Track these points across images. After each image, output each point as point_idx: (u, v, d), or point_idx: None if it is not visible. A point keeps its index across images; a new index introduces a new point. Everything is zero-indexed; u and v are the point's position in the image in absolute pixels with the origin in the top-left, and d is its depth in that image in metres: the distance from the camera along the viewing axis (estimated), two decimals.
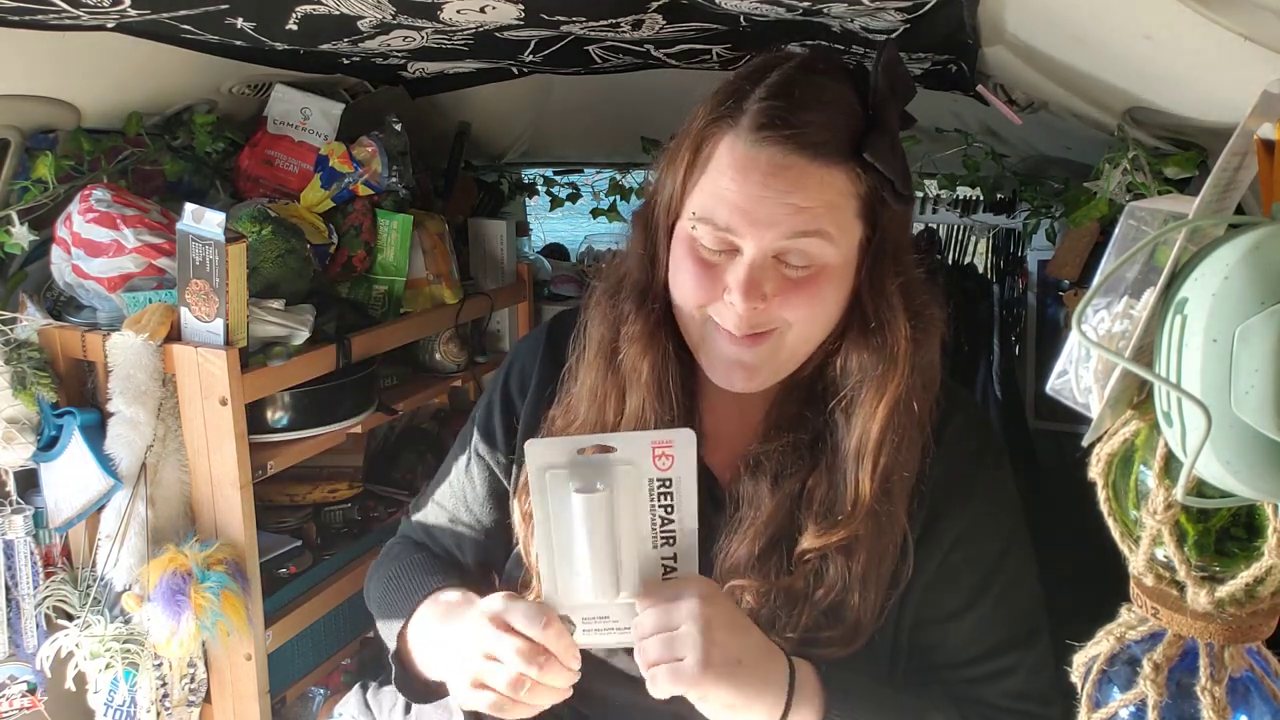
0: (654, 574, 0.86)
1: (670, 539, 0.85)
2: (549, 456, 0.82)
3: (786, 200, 0.88)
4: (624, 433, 0.88)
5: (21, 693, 1.42)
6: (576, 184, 2.63)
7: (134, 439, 1.34)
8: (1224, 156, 0.56)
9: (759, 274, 0.90)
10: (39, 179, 1.42)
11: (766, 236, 0.89)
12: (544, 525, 0.84)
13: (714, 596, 0.85)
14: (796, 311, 0.92)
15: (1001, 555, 0.99)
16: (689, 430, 0.82)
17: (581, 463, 0.82)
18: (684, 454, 0.82)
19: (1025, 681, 0.97)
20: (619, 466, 0.82)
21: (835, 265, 0.92)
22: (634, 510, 0.83)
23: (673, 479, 0.82)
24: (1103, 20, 0.83)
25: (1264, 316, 0.51)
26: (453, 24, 1.20)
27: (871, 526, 0.94)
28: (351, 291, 1.72)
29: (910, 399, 0.94)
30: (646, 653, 0.84)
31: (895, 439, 0.94)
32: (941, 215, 2.20)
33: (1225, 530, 0.60)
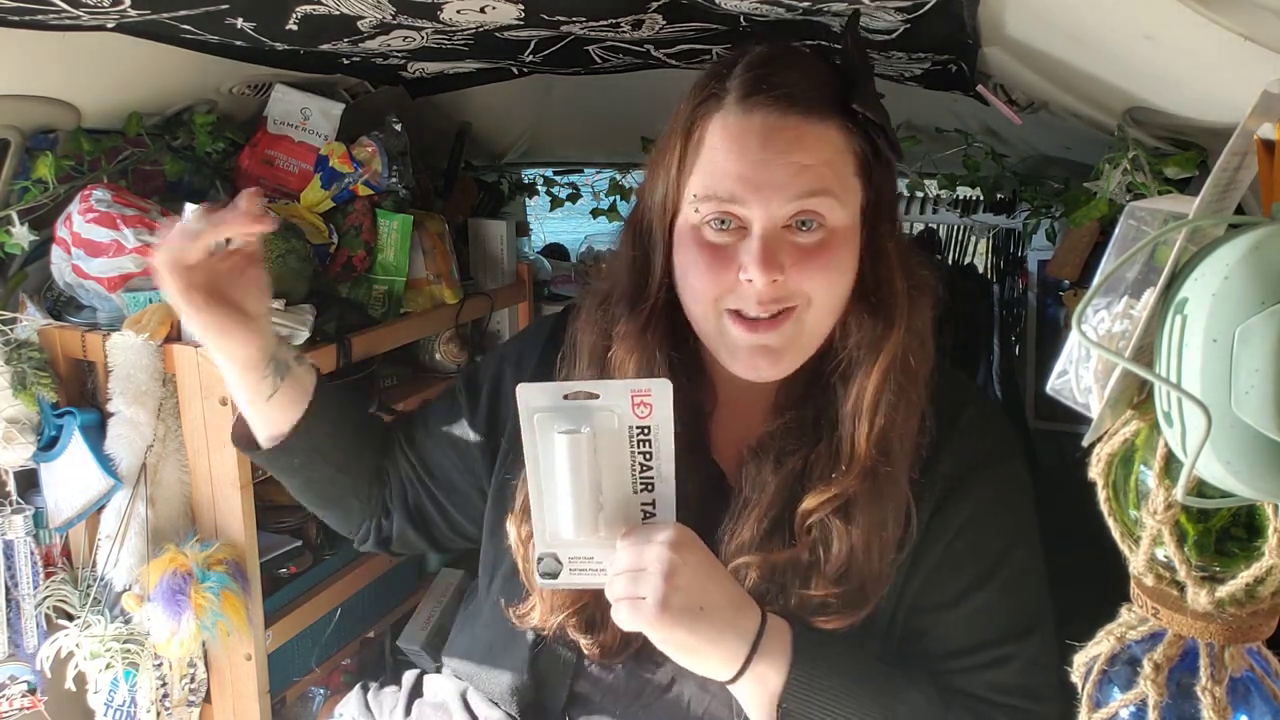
0: (634, 517, 0.90)
1: (649, 484, 0.88)
2: (538, 400, 0.86)
3: (788, 160, 0.88)
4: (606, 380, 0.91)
5: (21, 693, 1.42)
6: (576, 184, 2.63)
7: (134, 439, 1.34)
8: (1224, 156, 0.56)
9: (773, 244, 0.89)
10: (39, 179, 1.42)
11: (774, 201, 0.88)
12: (533, 465, 0.88)
13: (686, 543, 0.87)
14: (814, 281, 0.91)
15: (1007, 547, 0.98)
16: (666, 380, 0.84)
17: (567, 407, 0.86)
18: (661, 403, 0.85)
19: (1016, 675, 0.96)
20: (601, 412, 0.86)
21: (844, 228, 0.92)
22: (615, 454, 0.87)
23: (651, 426, 0.86)
24: (1103, 20, 0.83)
25: (1264, 316, 0.51)
26: (453, 24, 1.20)
27: (869, 487, 0.93)
28: (351, 291, 1.72)
29: (907, 358, 0.94)
30: (614, 587, 0.87)
31: (892, 398, 0.93)
32: (941, 215, 2.20)
33: (1225, 530, 0.60)
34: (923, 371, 0.97)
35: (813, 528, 0.94)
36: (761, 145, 0.88)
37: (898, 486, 0.94)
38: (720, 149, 0.90)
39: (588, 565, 0.92)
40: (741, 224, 0.91)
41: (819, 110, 0.89)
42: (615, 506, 0.89)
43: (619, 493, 0.89)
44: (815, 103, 0.89)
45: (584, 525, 0.89)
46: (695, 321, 0.97)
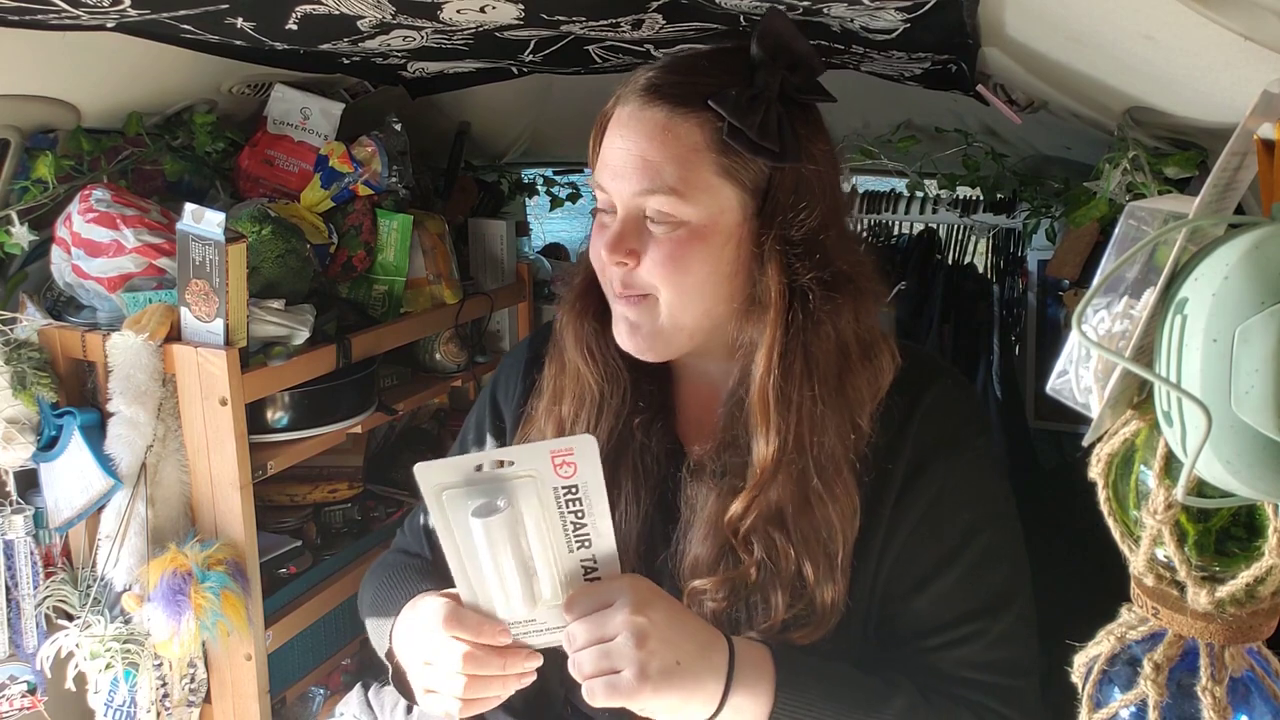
0: (574, 576, 0.84)
1: (585, 542, 0.82)
2: (441, 477, 0.78)
3: (635, 153, 0.93)
4: (519, 446, 0.85)
5: (21, 693, 1.42)
6: (576, 184, 2.63)
7: (134, 439, 1.34)
8: (1224, 156, 0.56)
9: (626, 228, 0.94)
10: (39, 179, 1.42)
11: (624, 190, 0.94)
12: (450, 545, 0.81)
13: (646, 600, 0.84)
14: (657, 275, 0.94)
15: (974, 526, 0.97)
16: (589, 436, 0.78)
17: (478, 479, 0.79)
18: (586, 460, 0.78)
19: (987, 651, 0.95)
20: (519, 480, 0.78)
21: (697, 224, 0.93)
22: (542, 521, 0.80)
23: (579, 485, 0.79)
24: (1102, 20, 0.83)
25: (1264, 316, 0.51)
26: (453, 24, 1.20)
27: (795, 495, 0.92)
28: (351, 291, 1.72)
29: (791, 359, 0.92)
30: (581, 666, 0.83)
31: (784, 405, 0.92)
32: (941, 215, 2.20)
33: (1225, 530, 0.60)
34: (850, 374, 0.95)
35: (753, 542, 0.94)
36: (623, 135, 0.94)
37: (831, 490, 0.93)
38: (607, 134, 0.98)
39: (531, 628, 0.87)
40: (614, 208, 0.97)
41: (684, 105, 0.92)
42: (550, 572, 0.83)
43: (554, 555, 0.82)
44: (683, 98, 0.92)
45: (517, 605, 0.84)
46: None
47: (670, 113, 0.92)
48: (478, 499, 0.79)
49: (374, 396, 1.68)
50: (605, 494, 0.80)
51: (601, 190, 0.97)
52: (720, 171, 0.92)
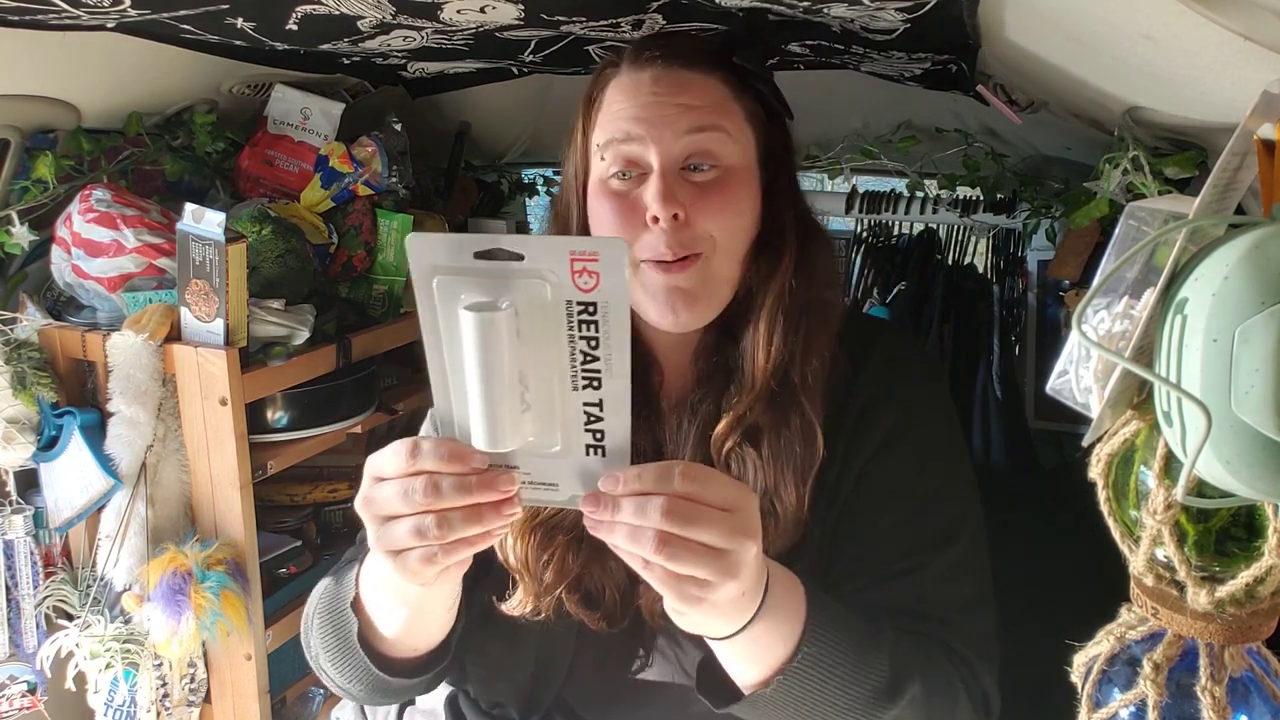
0: (574, 419, 0.67)
1: (594, 380, 0.66)
2: (437, 255, 0.64)
3: (677, 101, 0.95)
4: (534, 236, 0.71)
5: (21, 693, 1.42)
6: None
7: (134, 439, 1.34)
8: (1224, 156, 0.56)
9: (672, 182, 0.94)
10: (39, 179, 1.42)
11: (667, 136, 0.94)
12: (434, 344, 0.67)
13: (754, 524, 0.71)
14: (715, 220, 0.94)
15: (925, 460, 1.00)
16: (620, 240, 0.63)
17: (479, 270, 0.64)
18: (612, 270, 0.62)
19: (939, 583, 0.96)
20: (527, 279, 0.63)
21: (739, 167, 0.97)
22: (546, 337, 0.65)
23: (598, 303, 0.63)
24: (1102, 20, 0.83)
25: (1264, 316, 0.51)
26: (453, 24, 1.20)
27: (773, 415, 0.95)
28: (351, 291, 1.72)
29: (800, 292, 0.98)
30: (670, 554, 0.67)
31: (786, 330, 0.97)
32: (941, 215, 2.20)
33: (1225, 530, 0.60)
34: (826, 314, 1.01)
35: (730, 459, 0.96)
36: (652, 90, 0.96)
37: (803, 416, 0.96)
38: (617, 101, 0.98)
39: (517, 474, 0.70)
40: (643, 171, 0.96)
41: (703, 63, 0.98)
42: (545, 404, 0.67)
43: (551, 388, 0.67)
44: (698, 57, 0.98)
45: (501, 434, 0.66)
46: None
47: (690, 68, 0.97)
48: (475, 294, 0.64)
49: (374, 396, 1.68)
50: (628, 324, 0.65)
51: (629, 143, 0.95)
52: (746, 117, 0.99)
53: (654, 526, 0.66)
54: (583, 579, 0.99)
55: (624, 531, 0.67)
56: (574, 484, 0.70)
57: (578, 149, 1.02)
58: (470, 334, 0.64)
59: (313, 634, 1.01)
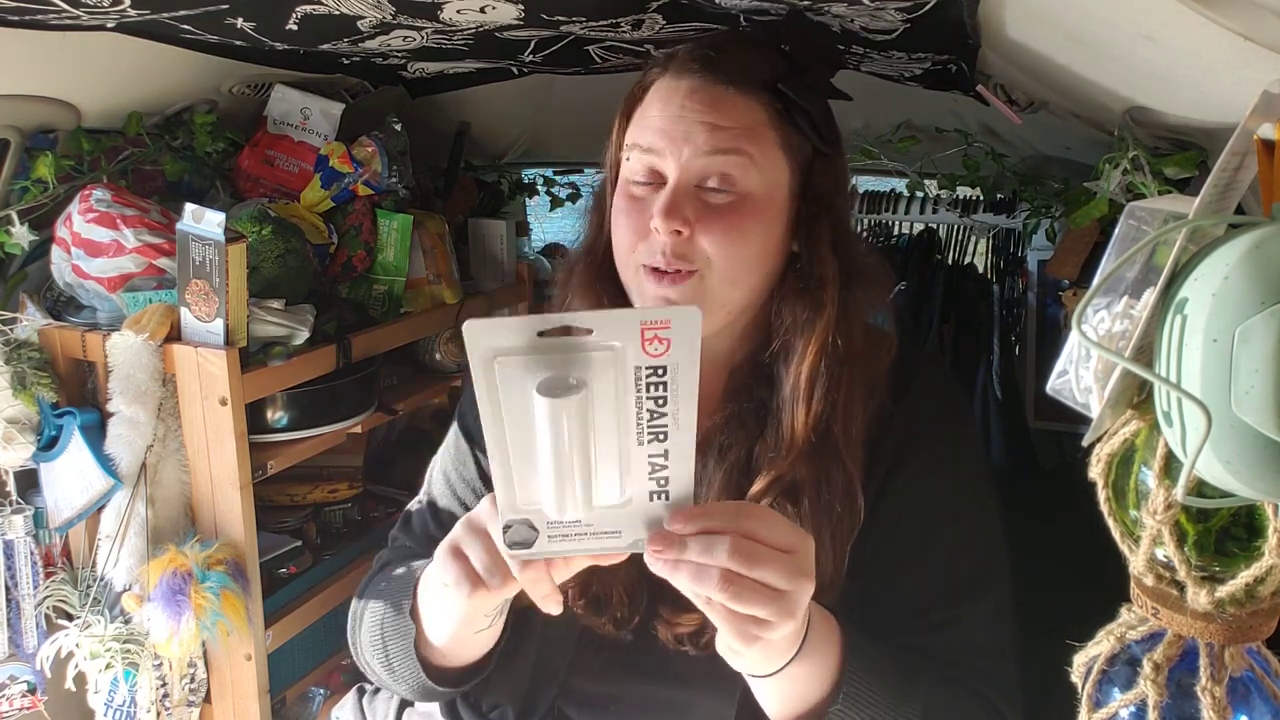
0: (639, 473, 0.69)
1: (660, 434, 0.67)
2: (497, 339, 0.63)
3: (704, 119, 0.93)
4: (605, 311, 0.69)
5: (21, 693, 1.42)
6: (576, 184, 2.63)
7: (134, 439, 1.34)
8: (1224, 156, 0.56)
9: (680, 198, 0.93)
10: (39, 179, 1.42)
11: (686, 152, 0.93)
12: (494, 429, 0.66)
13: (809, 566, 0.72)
14: (716, 243, 0.93)
15: (956, 506, 0.99)
16: (694, 308, 0.63)
17: (544, 346, 0.63)
18: (684, 335, 0.63)
19: (974, 633, 0.96)
20: (597, 353, 0.64)
21: (757, 196, 0.95)
22: (616, 402, 0.66)
23: (668, 366, 0.65)
24: (1102, 20, 0.83)
25: (1264, 316, 0.51)
26: (453, 24, 1.20)
27: (813, 470, 0.94)
28: (351, 291, 1.72)
29: (837, 340, 0.95)
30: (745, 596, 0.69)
31: (827, 381, 0.95)
32: (941, 215, 2.20)
33: (1225, 530, 0.60)
34: (871, 358, 0.99)
35: None
36: (682, 104, 0.94)
37: (844, 470, 0.95)
38: (653, 106, 0.97)
39: (572, 530, 0.72)
40: (661, 179, 0.95)
41: (743, 83, 0.95)
42: (612, 463, 0.68)
43: (618, 446, 0.68)
44: (741, 76, 0.95)
45: (570, 505, 0.69)
46: (620, 273, 1.01)
47: (730, 86, 0.94)
48: (541, 372, 0.63)
49: (374, 396, 1.68)
50: (696, 380, 0.66)
51: (650, 153, 0.95)
52: (780, 145, 0.96)
53: (720, 565, 0.68)
54: (590, 582, 0.99)
55: (689, 570, 0.69)
56: (637, 529, 0.72)
57: (614, 143, 1.02)
58: (544, 417, 0.64)
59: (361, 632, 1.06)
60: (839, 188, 1.01)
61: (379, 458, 2.02)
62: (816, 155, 0.98)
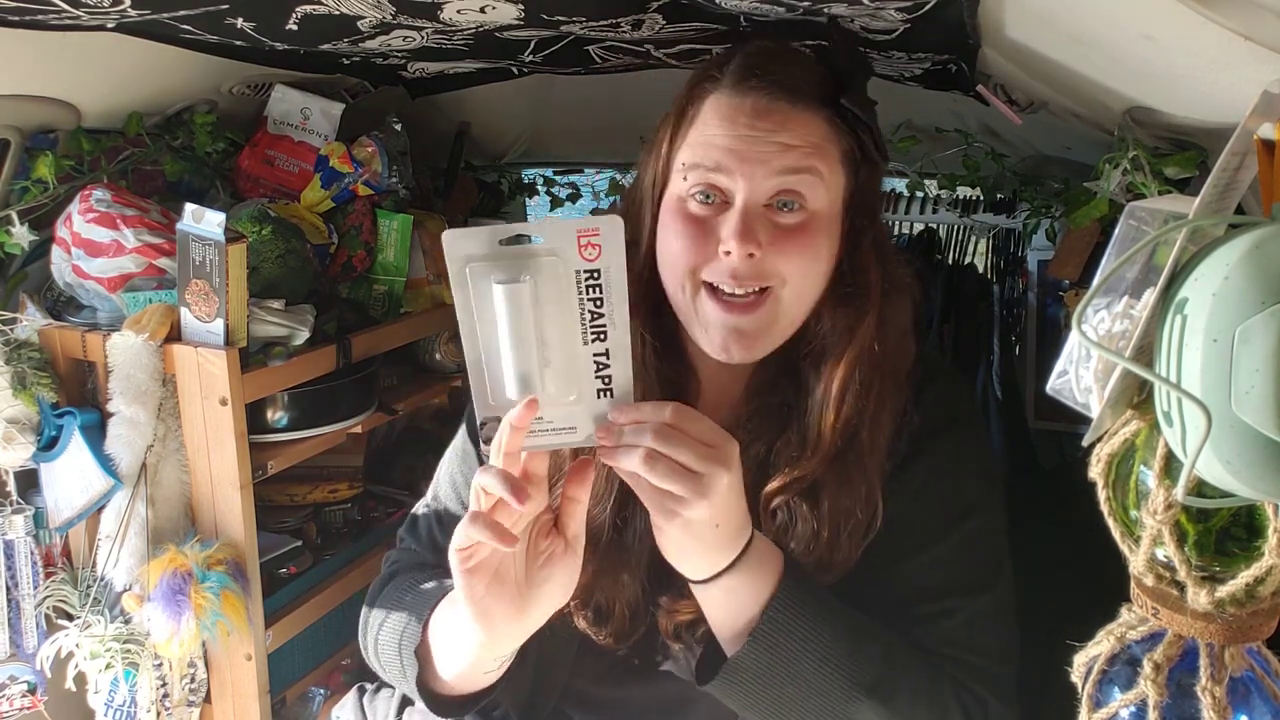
0: (585, 371, 0.81)
1: (601, 334, 0.80)
2: (469, 247, 0.77)
3: (775, 139, 0.92)
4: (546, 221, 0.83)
5: (21, 693, 1.42)
6: (576, 184, 2.63)
7: (134, 439, 1.34)
8: (1224, 156, 0.56)
9: (752, 219, 0.91)
10: (39, 179, 1.42)
11: (758, 173, 0.91)
12: (468, 323, 0.80)
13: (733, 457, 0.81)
14: (790, 263, 0.92)
15: (963, 512, 0.99)
16: (615, 217, 0.76)
17: (504, 254, 0.77)
18: (612, 243, 0.77)
19: (961, 629, 0.96)
20: (543, 258, 0.77)
21: (824, 213, 0.94)
22: (560, 303, 0.78)
23: (600, 270, 0.77)
24: (1102, 20, 0.83)
25: (1264, 316, 0.51)
26: (453, 24, 1.20)
27: (835, 473, 0.94)
28: (351, 291, 1.72)
29: (875, 350, 0.96)
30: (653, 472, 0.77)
31: (860, 388, 0.95)
32: (941, 215, 2.20)
33: (1225, 530, 0.60)
34: (899, 367, 0.99)
35: (777, 511, 0.95)
36: (750, 124, 0.92)
37: (866, 476, 0.95)
38: (712, 123, 0.94)
39: (538, 426, 0.82)
40: (725, 198, 0.93)
41: (808, 100, 0.93)
42: (563, 360, 0.80)
43: (567, 345, 0.80)
44: (804, 93, 0.93)
45: (528, 383, 0.80)
46: (671, 295, 0.98)
47: (795, 104, 0.93)
48: (501, 272, 0.77)
49: (374, 396, 1.68)
50: (626, 284, 0.78)
51: (716, 172, 0.92)
52: (841, 160, 0.96)
53: (644, 445, 0.78)
54: (593, 593, 0.99)
55: (622, 453, 0.79)
56: (589, 425, 0.82)
57: (660, 157, 0.99)
58: (499, 302, 0.77)
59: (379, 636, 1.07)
60: (879, 194, 1.02)
61: (379, 458, 2.02)
62: (865, 166, 0.98)
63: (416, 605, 1.03)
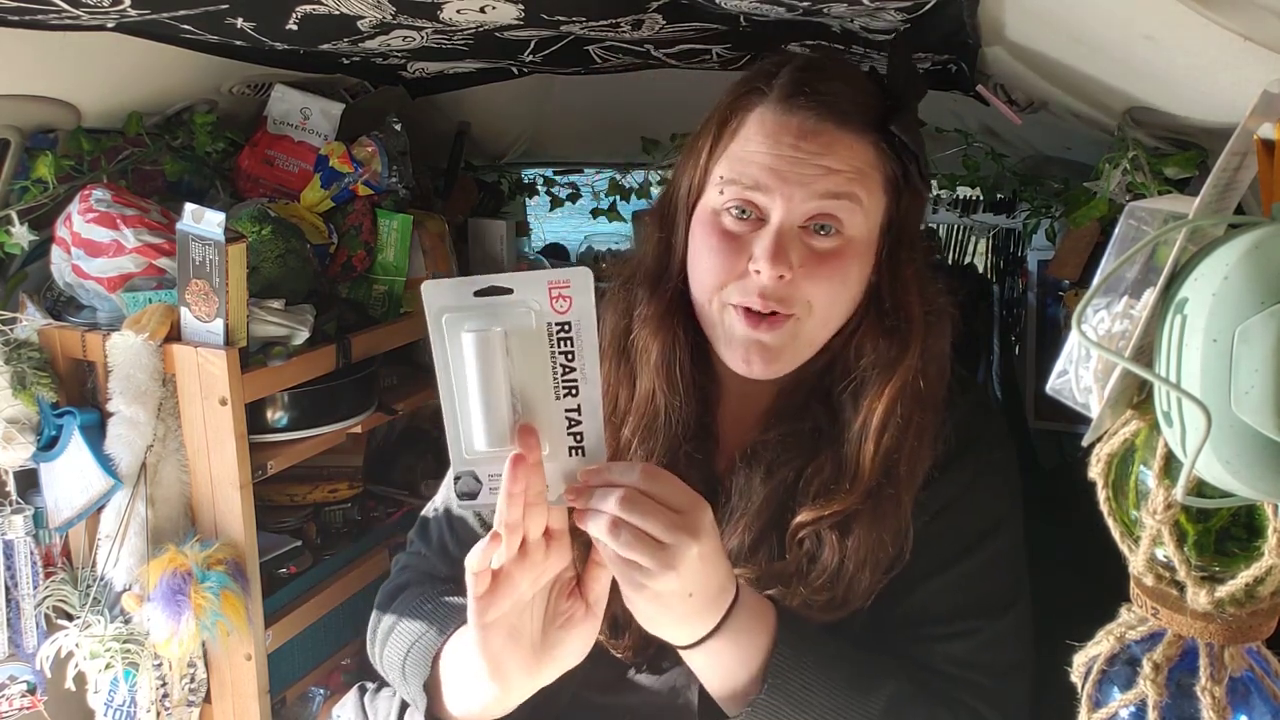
0: (558, 426, 0.79)
1: (573, 389, 0.78)
2: (445, 298, 0.77)
3: (818, 162, 0.90)
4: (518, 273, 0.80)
5: (21, 693, 1.42)
6: (576, 184, 2.62)
7: (134, 439, 1.34)
8: (1224, 156, 0.56)
9: (786, 240, 0.90)
10: (39, 179, 1.42)
11: (797, 195, 0.89)
12: (444, 373, 0.79)
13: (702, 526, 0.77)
14: (819, 289, 0.91)
15: (984, 534, 0.98)
16: (585, 269, 0.75)
17: (479, 305, 0.77)
18: (582, 295, 0.76)
19: (978, 651, 0.96)
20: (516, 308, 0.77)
21: (860, 240, 0.93)
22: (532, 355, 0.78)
23: (571, 322, 0.77)
24: (1102, 20, 0.83)
25: (1264, 316, 0.51)
26: (453, 24, 1.20)
27: (870, 507, 0.93)
28: (351, 291, 1.72)
29: (917, 383, 0.94)
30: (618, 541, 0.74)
31: (901, 422, 0.93)
32: (941, 215, 2.20)
33: (1225, 530, 0.60)
34: (936, 396, 0.97)
35: (805, 540, 0.94)
36: (794, 144, 0.90)
37: (899, 509, 0.94)
38: (754, 139, 0.92)
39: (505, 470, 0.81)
40: (760, 215, 0.92)
41: (856, 123, 0.91)
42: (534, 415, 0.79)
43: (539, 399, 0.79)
44: (853, 115, 0.91)
45: (497, 435, 0.78)
46: (698, 306, 0.97)
47: (842, 126, 0.91)
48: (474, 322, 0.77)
49: (374, 396, 1.68)
50: (596, 339, 0.78)
51: (755, 190, 0.91)
52: (885, 188, 0.94)
53: (610, 512, 0.74)
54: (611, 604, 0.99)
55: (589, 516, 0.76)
56: (560, 485, 0.80)
57: (699, 166, 0.97)
58: (470, 351, 0.77)
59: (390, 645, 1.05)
60: (920, 222, 1.00)
61: (379, 458, 2.01)
62: (908, 193, 0.96)
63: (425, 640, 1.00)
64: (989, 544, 0.98)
